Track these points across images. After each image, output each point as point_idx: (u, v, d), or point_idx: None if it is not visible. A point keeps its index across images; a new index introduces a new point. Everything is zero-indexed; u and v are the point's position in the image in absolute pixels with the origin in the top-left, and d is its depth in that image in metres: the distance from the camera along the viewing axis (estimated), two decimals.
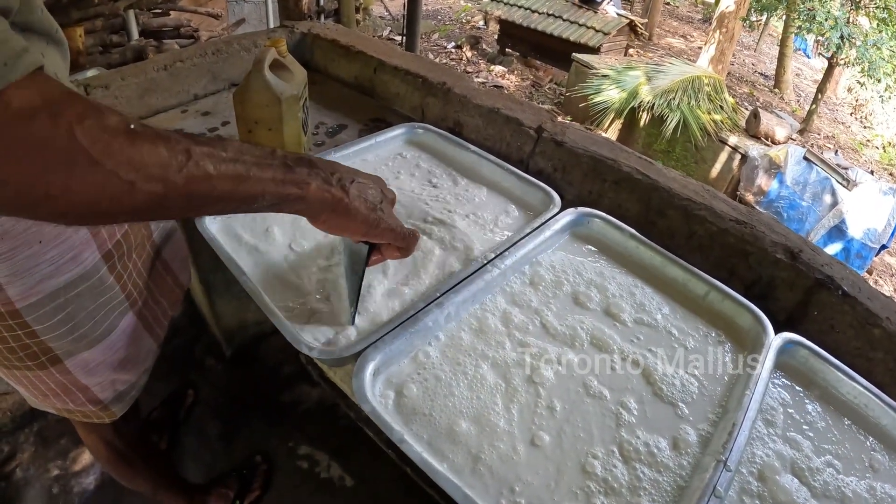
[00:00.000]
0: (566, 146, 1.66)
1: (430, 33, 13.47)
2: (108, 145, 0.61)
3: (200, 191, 0.70)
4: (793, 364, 1.25)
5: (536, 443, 1.02)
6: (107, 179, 0.61)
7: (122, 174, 0.62)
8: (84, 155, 0.59)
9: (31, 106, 0.56)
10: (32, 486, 2.26)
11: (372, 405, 0.99)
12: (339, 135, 1.98)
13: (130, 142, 0.63)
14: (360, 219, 0.93)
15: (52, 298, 1.15)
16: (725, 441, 1.00)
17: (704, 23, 18.33)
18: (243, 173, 0.75)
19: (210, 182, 0.71)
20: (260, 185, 0.77)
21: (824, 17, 9.97)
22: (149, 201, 0.66)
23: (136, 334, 1.41)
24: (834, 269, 1.35)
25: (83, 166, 0.60)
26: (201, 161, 0.70)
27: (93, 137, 0.60)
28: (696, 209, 1.46)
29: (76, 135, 0.58)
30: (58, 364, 1.25)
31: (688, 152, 8.92)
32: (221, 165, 0.72)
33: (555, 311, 1.29)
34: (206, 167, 0.70)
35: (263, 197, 0.79)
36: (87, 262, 1.19)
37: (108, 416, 1.45)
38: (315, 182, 0.86)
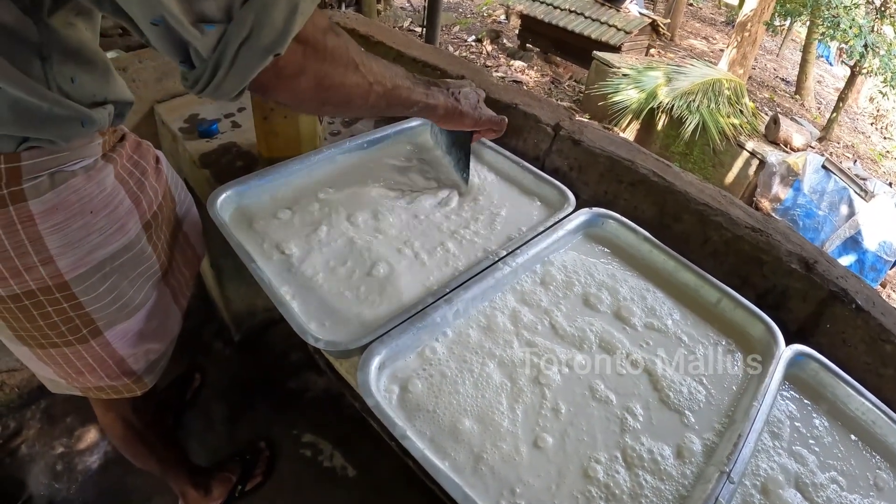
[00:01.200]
0: (583, 145, 1.65)
1: (451, 26, 13.41)
2: (362, 57, 1.02)
3: (396, 95, 1.14)
4: (802, 377, 1.24)
5: (539, 444, 1.02)
6: (362, 79, 1.02)
7: (368, 78, 1.04)
8: (353, 63, 0.99)
9: (325, 26, 0.91)
10: (37, 462, 2.26)
11: (376, 399, 0.99)
12: (356, 125, 1.97)
13: (370, 57, 1.05)
14: (469, 117, 1.40)
15: (100, 268, 1.17)
16: (730, 452, 0.99)
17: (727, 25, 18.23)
18: (411, 87, 1.20)
19: (400, 90, 1.15)
20: (417, 96, 1.22)
21: (849, 25, 9.90)
22: (376, 99, 1.08)
23: (167, 303, 1.44)
24: (849, 282, 1.34)
25: (352, 69, 0.99)
26: (397, 76, 1.14)
27: (356, 51, 1.00)
28: (712, 215, 1.45)
29: (349, 47, 0.98)
30: (98, 336, 1.26)
31: (706, 156, 8.85)
32: (403, 80, 1.17)
33: (564, 311, 1.28)
34: (399, 80, 1.14)
35: (418, 104, 1.23)
36: (131, 232, 1.21)
37: (140, 387, 1.46)
38: (442, 96, 1.31)
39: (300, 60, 0.89)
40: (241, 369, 2.70)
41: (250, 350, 2.78)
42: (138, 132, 1.27)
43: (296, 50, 0.86)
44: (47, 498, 2.18)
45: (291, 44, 0.83)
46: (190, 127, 1.97)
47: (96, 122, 1.01)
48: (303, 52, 0.88)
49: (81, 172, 1.06)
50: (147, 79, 1.99)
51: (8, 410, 2.40)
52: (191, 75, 0.83)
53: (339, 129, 1.92)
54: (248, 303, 2.68)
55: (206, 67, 0.80)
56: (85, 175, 1.07)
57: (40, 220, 1.03)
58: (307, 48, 0.89)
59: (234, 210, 1.40)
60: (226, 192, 1.39)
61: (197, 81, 0.83)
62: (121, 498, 2.19)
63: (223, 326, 2.81)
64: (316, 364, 2.52)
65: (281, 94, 0.94)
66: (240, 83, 0.84)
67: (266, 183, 1.47)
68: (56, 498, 2.18)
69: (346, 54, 0.97)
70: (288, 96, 0.95)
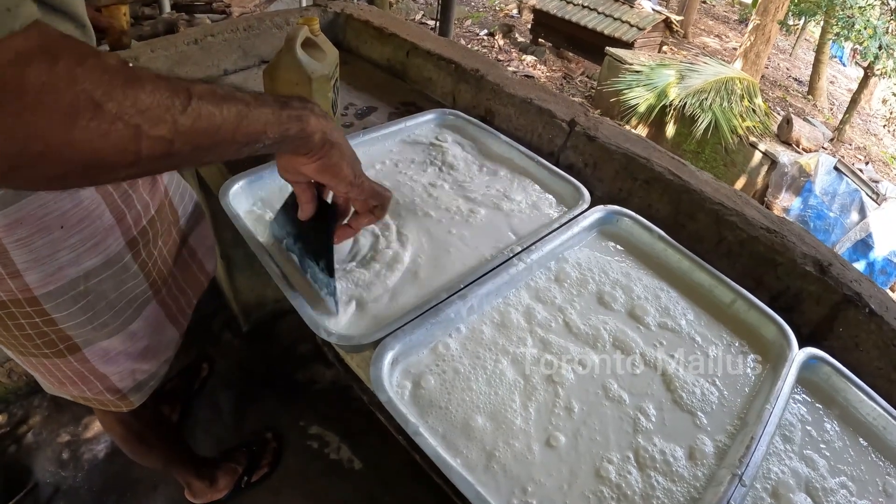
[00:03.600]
0: (599, 141, 1.64)
1: (463, 19, 13.40)
2: (111, 87, 0.56)
3: (206, 131, 0.67)
4: (814, 380, 1.23)
5: (552, 443, 1.01)
6: (112, 125, 0.57)
7: (127, 118, 0.58)
8: (87, 99, 0.54)
9: (26, 52, 0.51)
10: (43, 450, 2.27)
11: (388, 395, 0.98)
12: (369, 117, 1.97)
13: (132, 83, 0.59)
14: (349, 161, 0.94)
15: (73, 286, 1.11)
16: (742, 455, 0.98)
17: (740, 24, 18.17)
18: (244, 110, 0.72)
19: (214, 121, 0.68)
20: (261, 122, 0.75)
21: (863, 26, 9.87)
22: (155, 147, 0.62)
23: (159, 324, 1.39)
24: (863, 285, 1.33)
25: (86, 112, 0.54)
26: (203, 100, 0.66)
27: (95, 79, 0.55)
28: (727, 214, 1.44)
29: (77, 78, 0.54)
30: (76, 352, 1.22)
31: (717, 154, 8.84)
32: (223, 103, 0.69)
33: (578, 309, 1.27)
34: (209, 106, 0.67)
35: (265, 134, 0.76)
36: (110, 249, 1.15)
37: (126, 405, 1.42)
38: (313, 117, 0.85)
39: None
40: (250, 360, 2.71)
41: (259, 341, 2.79)
42: None
43: None
44: (53, 485, 2.19)
45: None
46: None
47: None
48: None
49: None
50: (159, 68, 1.98)
51: (15, 398, 2.41)
52: None
53: (352, 122, 1.91)
54: (257, 293, 2.69)
55: None
56: None
57: (3, 233, 0.97)
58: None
59: (246, 200, 1.39)
60: (238, 182, 1.38)
61: None
62: (127, 486, 2.21)
63: (232, 317, 2.82)
64: (324, 356, 2.52)
65: None
66: None
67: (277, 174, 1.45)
68: (62, 486, 2.19)
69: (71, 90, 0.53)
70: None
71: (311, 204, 1.06)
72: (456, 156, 1.68)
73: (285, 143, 0.82)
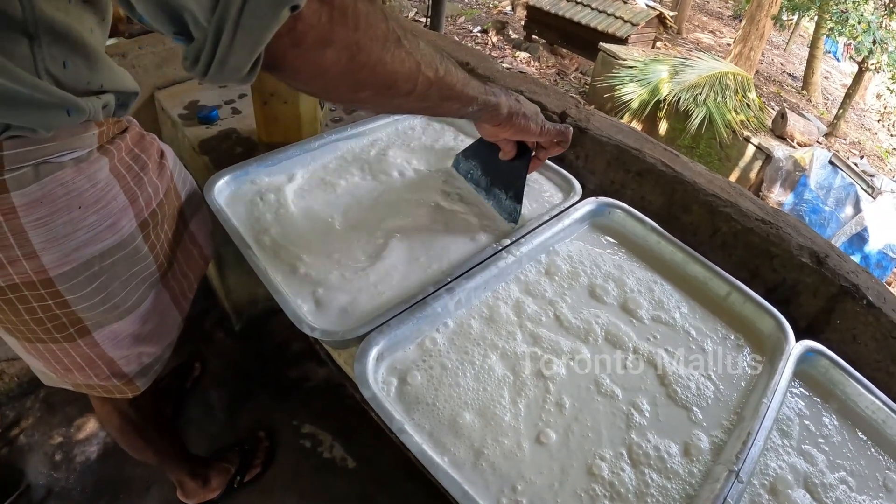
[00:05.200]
0: (590, 133, 1.62)
1: (457, 16, 13.40)
2: (406, 31, 0.81)
3: (449, 84, 0.93)
4: (812, 374, 1.21)
5: (542, 440, 0.99)
6: (407, 56, 0.82)
7: (415, 55, 0.83)
8: (394, 33, 0.79)
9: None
10: (35, 452, 2.25)
11: (373, 391, 0.96)
12: (358, 111, 1.94)
13: (417, 34, 0.85)
14: (535, 121, 1.19)
15: (87, 267, 1.11)
16: (739, 451, 0.96)
17: (734, 19, 18.20)
18: (467, 80, 0.98)
19: (454, 78, 0.94)
20: (476, 91, 1.01)
21: (857, 21, 9.88)
22: (424, 85, 0.88)
23: (164, 306, 1.39)
24: (860, 277, 1.31)
25: (393, 41, 0.79)
26: (448, 61, 0.93)
27: (398, 23, 0.80)
28: (721, 206, 1.42)
29: (387, 16, 0.78)
30: (86, 336, 1.22)
31: (712, 150, 8.85)
32: (457, 69, 0.96)
33: (570, 303, 1.25)
34: (452, 68, 0.94)
35: (476, 101, 1.02)
36: (124, 230, 1.15)
37: (131, 390, 1.42)
38: (504, 95, 1.11)
39: (325, 25, 0.70)
40: (242, 358, 2.69)
41: (251, 339, 2.77)
42: (138, 119, 1.23)
43: (318, 11, 0.68)
44: (46, 487, 2.17)
45: (312, 3, 0.67)
46: (190, 113, 1.95)
47: (85, 111, 0.95)
48: (328, 15, 0.70)
49: (71, 164, 1.01)
50: (147, 65, 1.96)
51: (7, 399, 2.38)
52: (190, 51, 0.70)
53: (340, 116, 1.89)
54: (249, 291, 2.67)
55: (207, 36, 0.67)
56: (74, 167, 1.01)
57: (23, 213, 0.97)
58: (333, 10, 0.70)
59: (231, 196, 1.36)
60: (223, 177, 1.37)
61: (198, 58, 0.69)
62: (119, 487, 2.18)
63: (224, 315, 2.79)
64: (317, 354, 2.49)
65: (303, 73, 0.76)
66: (249, 53, 0.68)
67: (264, 168, 1.44)
68: (55, 487, 2.17)
69: (385, 24, 0.77)
70: (312, 75, 0.76)
71: (513, 151, 1.31)
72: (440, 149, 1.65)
73: (484, 112, 1.08)
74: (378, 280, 1.21)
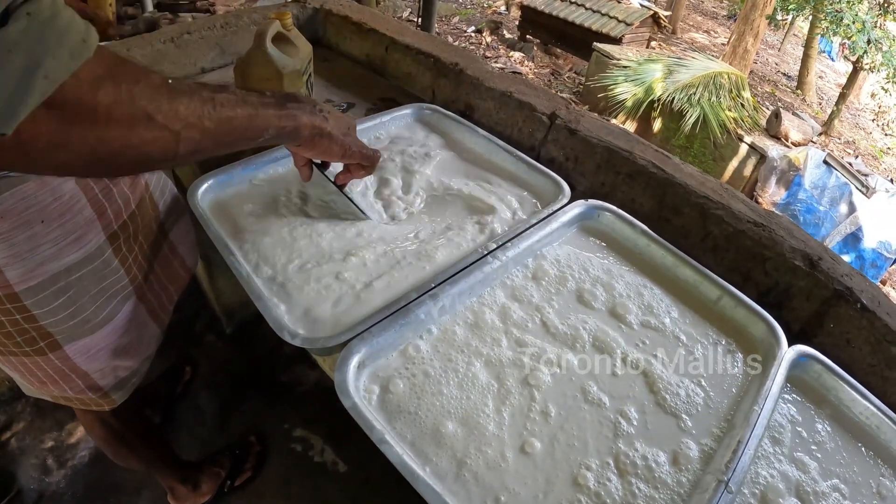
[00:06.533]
0: (580, 135, 1.60)
1: (451, 16, 13.40)
2: (159, 103, 0.72)
3: (225, 131, 0.84)
4: (805, 379, 1.19)
5: (527, 450, 0.97)
6: (160, 132, 0.73)
7: (170, 126, 0.74)
8: (142, 113, 0.70)
9: (96, 76, 0.65)
10: (27, 456, 2.26)
11: (353, 400, 0.94)
12: (346, 113, 1.92)
13: (173, 97, 0.75)
14: (339, 142, 1.10)
15: (53, 282, 1.11)
16: (729, 460, 0.94)
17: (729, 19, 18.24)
18: (252, 113, 0.89)
19: (231, 123, 0.85)
20: (265, 122, 0.93)
21: (851, 20, 9.89)
22: (189, 146, 0.79)
23: (140, 320, 1.38)
24: (854, 280, 1.29)
25: (141, 122, 0.71)
26: (224, 106, 0.83)
27: (148, 96, 0.71)
28: (713, 208, 1.40)
29: (135, 96, 0.69)
30: (57, 350, 1.21)
31: (706, 149, 8.86)
32: (237, 108, 0.86)
33: (557, 308, 1.23)
34: (227, 112, 0.84)
35: (267, 130, 0.94)
36: (91, 243, 1.15)
37: (107, 403, 1.42)
38: (304, 115, 1.01)
39: (54, 130, 0.63)
40: (233, 362, 2.69)
41: (242, 343, 2.77)
42: None
43: (44, 118, 0.61)
44: (37, 492, 2.17)
45: (39, 111, 0.60)
46: None
47: None
48: (59, 119, 0.63)
49: (34, 178, 1.01)
50: None
51: None
52: None
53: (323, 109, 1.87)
54: (239, 295, 2.64)
55: None
56: (38, 180, 1.02)
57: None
58: (66, 113, 0.63)
59: (215, 200, 1.34)
60: (207, 181, 1.35)
61: None
62: (110, 491, 2.19)
63: (214, 318, 2.79)
64: (308, 357, 2.49)
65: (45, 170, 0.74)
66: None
67: (249, 172, 1.42)
68: (46, 492, 2.18)
69: (131, 107, 0.69)
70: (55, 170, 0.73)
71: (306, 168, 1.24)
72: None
73: (281, 137, 0.99)
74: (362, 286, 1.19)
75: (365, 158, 1.21)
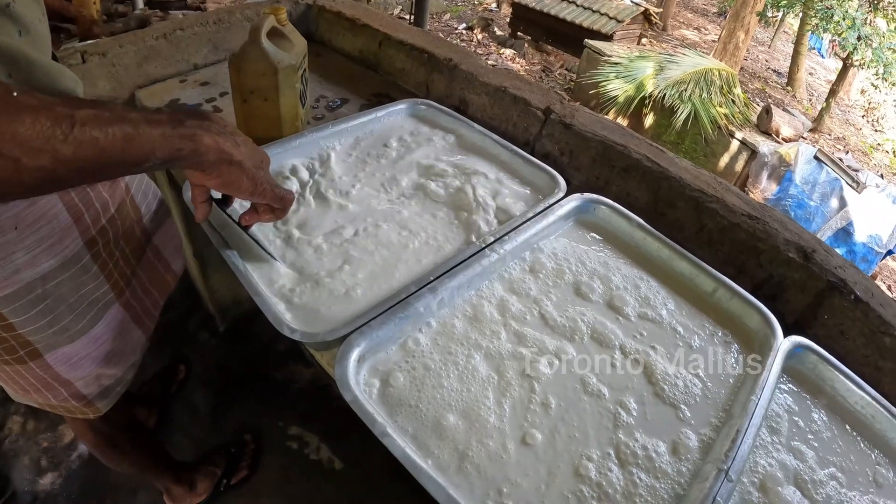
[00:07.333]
0: (575, 129, 1.60)
1: (442, 13, 13.39)
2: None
3: (90, 157, 0.66)
4: (801, 370, 1.20)
5: (528, 441, 0.97)
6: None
7: (4, 151, 0.57)
8: None
9: None
10: (20, 458, 2.24)
11: (354, 394, 0.94)
12: (340, 109, 1.92)
13: (12, 116, 0.58)
14: (249, 175, 0.93)
15: (30, 289, 1.07)
16: (728, 449, 0.95)
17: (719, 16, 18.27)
18: (131, 132, 0.71)
19: (98, 145, 0.67)
20: (149, 143, 0.74)
21: (841, 17, 9.92)
22: (39, 177, 0.62)
23: (123, 327, 1.35)
24: (847, 272, 1.30)
25: None
26: (87, 126, 0.65)
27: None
28: (707, 201, 1.40)
29: None
30: (37, 358, 1.18)
31: (697, 145, 8.87)
32: (108, 128, 0.68)
33: (555, 301, 1.23)
34: (93, 132, 0.66)
35: (154, 154, 0.75)
36: (67, 249, 1.11)
37: (92, 412, 1.39)
38: (207, 135, 0.84)
39: None
40: (227, 360, 2.68)
41: (236, 341, 2.76)
42: None
43: None
44: (32, 494, 2.16)
45: None
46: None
47: None
48: None
49: None
50: (128, 63, 1.93)
51: None
52: None
53: (323, 114, 1.87)
54: (233, 292, 2.65)
55: None
56: None
57: None
58: None
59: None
60: None
61: None
62: (105, 492, 2.18)
63: (208, 317, 2.78)
64: (303, 355, 2.49)
65: None
66: None
67: None
68: (40, 494, 2.17)
69: None
70: None
71: (205, 204, 1.06)
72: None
73: (178, 162, 0.82)
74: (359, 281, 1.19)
75: (277, 199, 1.04)
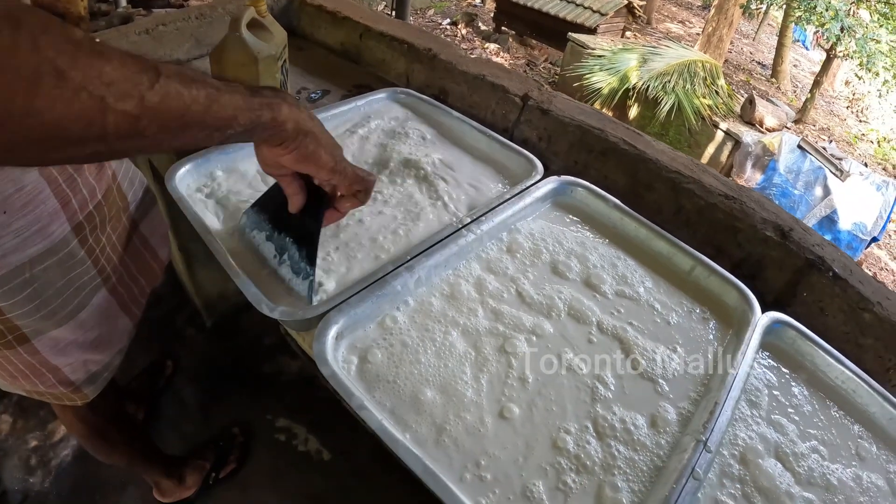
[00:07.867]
0: (552, 114, 1.61)
1: (426, 9, 13.37)
2: (76, 57, 0.53)
3: (175, 110, 0.62)
4: (780, 345, 1.21)
5: (505, 415, 0.98)
6: (75, 95, 0.53)
7: (91, 89, 0.54)
8: (50, 66, 0.50)
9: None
10: (10, 457, 2.24)
11: (332, 369, 0.94)
12: (321, 100, 1.92)
13: (98, 55, 0.55)
14: (329, 149, 0.88)
15: (18, 274, 1.07)
16: (706, 420, 0.96)
17: (704, 9, 18.30)
18: (214, 94, 0.67)
19: (182, 100, 0.63)
20: (232, 107, 0.70)
21: (825, 8, 9.94)
22: (121, 123, 0.57)
23: (110, 312, 1.35)
24: (825, 249, 1.31)
25: (49, 79, 0.51)
26: (172, 78, 0.62)
27: (59, 48, 0.51)
28: (684, 182, 1.41)
29: (40, 45, 0.50)
30: (25, 343, 1.18)
31: (681, 136, 8.89)
32: (192, 85, 0.64)
33: (532, 279, 1.24)
34: (178, 85, 0.62)
35: (236, 120, 0.71)
36: (55, 234, 1.11)
37: (80, 398, 1.39)
38: (285, 105, 0.79)
39: None
40: (214, 355, 2.68)
41: (223, 335, 2.76)
42: None
43: None
44: (22, 492, 2.16)
45: None
46: None
47: None
48: None
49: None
50: None
51: None
52: None
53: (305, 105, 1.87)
54: (219, 287, 2.65)
55: None
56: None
57: None
58: None
59: (193, 184, 1.34)
60: (185, 165, 1.34)
61: None
62: (96, 489, 2.18)
63: (195, 312, 2.78)
64: (289, 348, 2.50)
65: None
66: None
67: (226, 155, 1.41)
68: (31, 492, 2.17)
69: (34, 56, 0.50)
70: None
71: (300, 195, 0.99)
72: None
73: (257, 131, 0.77)
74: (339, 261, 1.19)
75: (358, 180, 0.96)
